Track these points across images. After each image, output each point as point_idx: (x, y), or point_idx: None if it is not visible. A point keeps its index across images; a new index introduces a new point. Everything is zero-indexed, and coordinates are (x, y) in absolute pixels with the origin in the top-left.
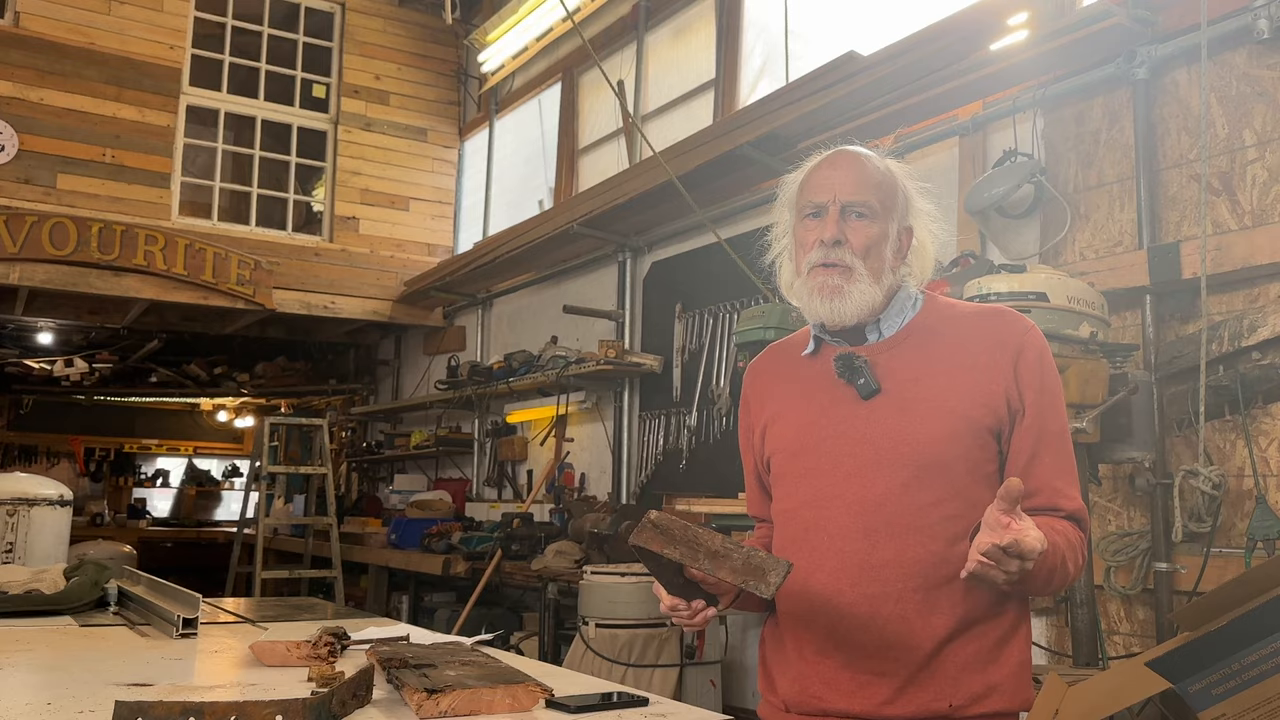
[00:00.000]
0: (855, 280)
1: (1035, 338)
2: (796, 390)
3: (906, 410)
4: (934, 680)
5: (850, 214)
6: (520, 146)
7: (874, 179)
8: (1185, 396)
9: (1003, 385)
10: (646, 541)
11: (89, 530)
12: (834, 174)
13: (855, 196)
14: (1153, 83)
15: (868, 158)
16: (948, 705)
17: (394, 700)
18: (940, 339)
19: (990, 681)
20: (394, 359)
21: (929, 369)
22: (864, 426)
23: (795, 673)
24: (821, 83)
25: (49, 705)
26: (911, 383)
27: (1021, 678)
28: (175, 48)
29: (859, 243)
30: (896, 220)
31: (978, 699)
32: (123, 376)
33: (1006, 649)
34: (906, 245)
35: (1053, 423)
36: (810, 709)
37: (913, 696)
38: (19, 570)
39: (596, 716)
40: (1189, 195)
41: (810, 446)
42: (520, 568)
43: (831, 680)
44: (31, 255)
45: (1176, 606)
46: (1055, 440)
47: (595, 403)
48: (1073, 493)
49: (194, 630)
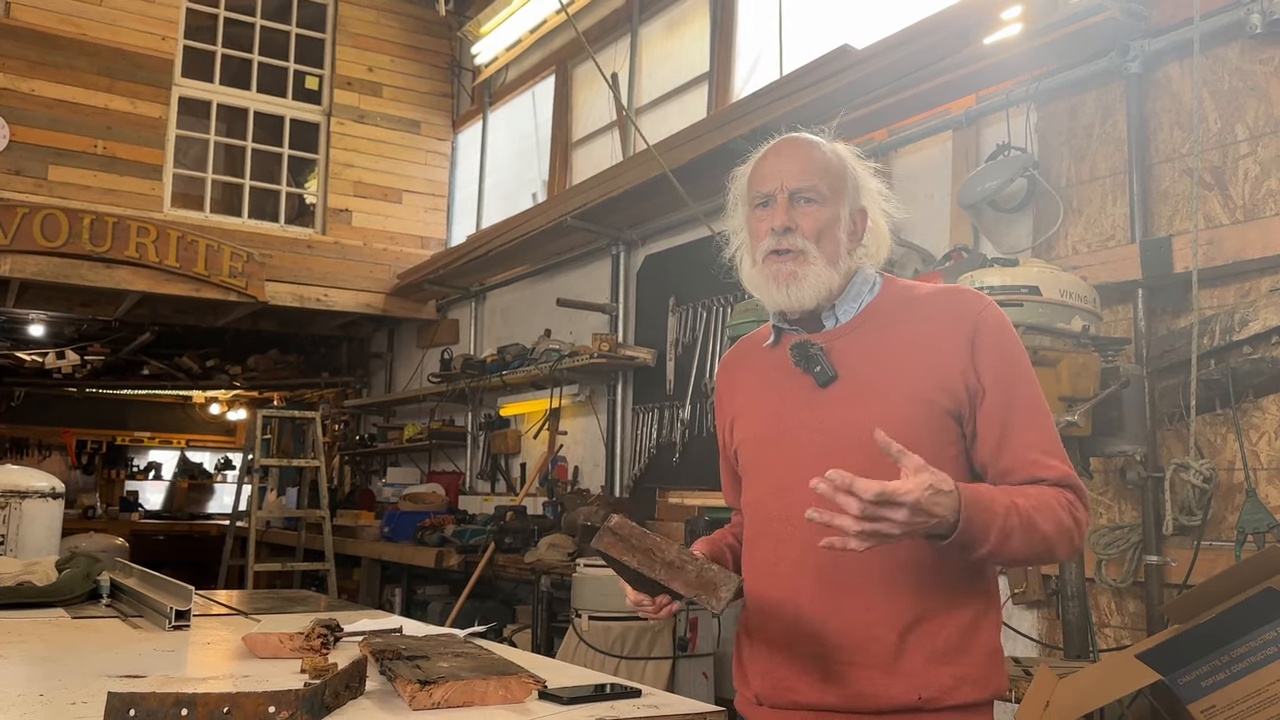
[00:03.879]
0: (809, 264)
1: (992, 314)
2: (761, 381)
3: (862, 396)
4: (901, 671)
5: (799, 200)
6: (514, 139)
7: (820, 164)
8: (1176, 390)
9: (959, 366)
10: (607, 548)
11: (81, 523)
12: (779, 162)
13: (802, 182)
14: (1145, 77)
15: (813, 143)
16: (917, 697)
17: (387, 692)
18: (897, 322)
19: (960, 672)
20: (387, 352)
21: (885, 353)
22: (822, 414)
23: (765, 665)
24: (815, 76)
25: (41, 697)
26: (868, 368)
27: (992, 666)
28: (167, 39)
29: (810, 227)
30: (848, 203)
31: (948, 690)
32: (114, 369)
33: (975, 638)
34: (861, 227)
35: (1020, 396)
36: (781, 701)
37: (882, 688)
38: (11, 562)
39: (589, 708)
40: (1181, 189)
41: (772, 436)
42: (513, 560)
43: (801, 671)
44: (23, 247)
45: (1167, 599)
46: (1025, 413)
47: (589, 396)
48: (1053, 461)
49: (186, 622)
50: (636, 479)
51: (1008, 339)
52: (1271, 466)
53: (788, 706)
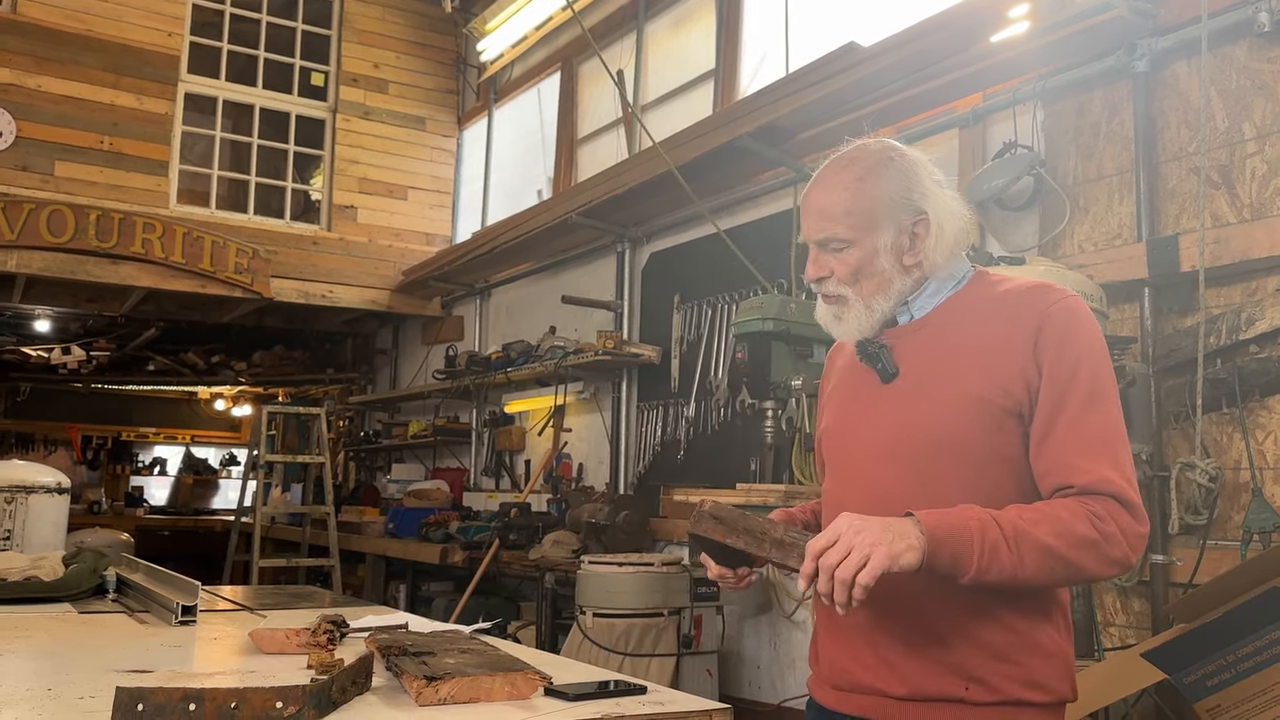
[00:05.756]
0: (848, 307)
1: (1060, 309)
2: (846, 375)
3: (920, 395)
4: (951, 663)
5: (828, 248)
6: (519, 136)
7: (842, 207)
8: (1183, 389)
9: (1019, 364)
10: (707, 531)
11: (86, 518)
12: (806, 210)
13: (822, 234)
14: (1153, 75)
15: (834, 182)
16: (964, 689)
17: (393, 687)
18: (969, 319)
19: (1011, 671)
20: (392, 348)
21: (950, 351)
22: (883, 411)
23: (832, 649)
24: (821, 74)
25: (49, 691)
26: (929, 365)
27: (1052, 669)
28: (173, 35)
29: (843, 273)
30: (889, 229)
31: (996, 687)
32: (120, 364)
33: (1027, 635)
34: (924, 235)
35: (1074, 396)
36: (843, 684)
37: (931, 678)
38: (17, 557)
39: (595, 704)
40: (1188, 188)
41: (843, 430)
42: (518, 557)
43: (858, 657)
44: (29, 243)
45: (1172, 599)
46: (1075, 413)
47: (593, 393)
48: (1090, 465)
49: (193, 618)
50: (641, 476)
51: (1073, 335)
52: (1278, 466)
53: (848, 689)
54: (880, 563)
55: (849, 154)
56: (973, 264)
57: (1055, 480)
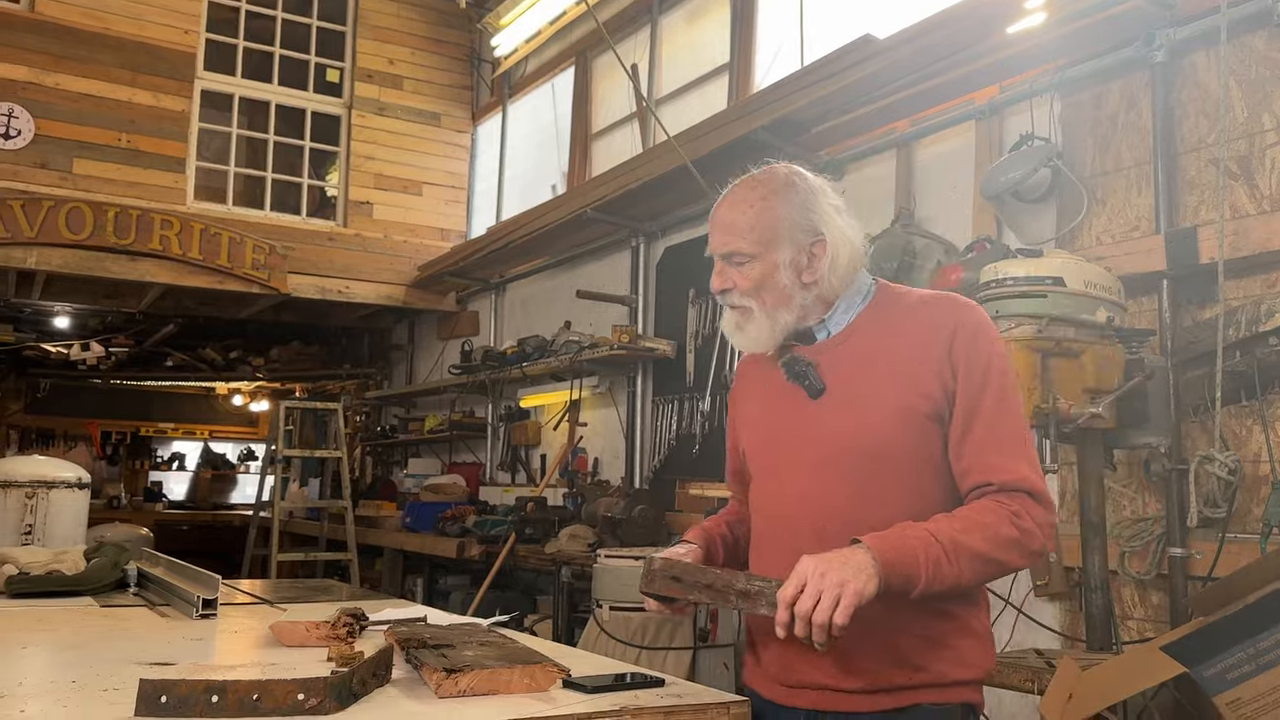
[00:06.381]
0: (751, 318)
1: (970, 317)
2: (766, 391)
3: (850, 407)
4: (896, 656)
5: (731, 261)
6: (533, 131)
7: (745, 223)
8: (1201, 382)
9: (936, 370)
10: (663, 591)
11: (106, 513)
12: (713, 227)
13: (726, 249)
14: (1171, 66)
15: (739, 200)
16: (908, 677)
17: (413, 680)
18: (884, 331)
19: (947, 654)
20: (407, 344)
21: (871, 362)
22: (814, 425)
23: (776, 649)
24: (837, 66)
25: (73, 683)
26: (854, 378)
27: (981, 648)
28: (190, 32)
29: (745, 285)
30: (787, 247)
31: (937, 670)
32: (138, 360)
33: (962, 620)
34: (821, 255)
35: (987, 397)
36: (793, 681)
37: (880, 671)
38: (40, 551)
39: (613, 696)
40: (1207, 179)
41: (773, 445)
42: (534, 551)
43: (806, 656)
44: (48, 240)
45: (1191, 592)
46: (989, 414)
47: (608, 388)
48: (1009, 464)
49: (213, 611)
50: (656, 470)
51: (984, 341)
52: None
53: (796, 685)
54: (851, 601)
55: (756, 175)
56: (874, 277)
57: (976, 478)
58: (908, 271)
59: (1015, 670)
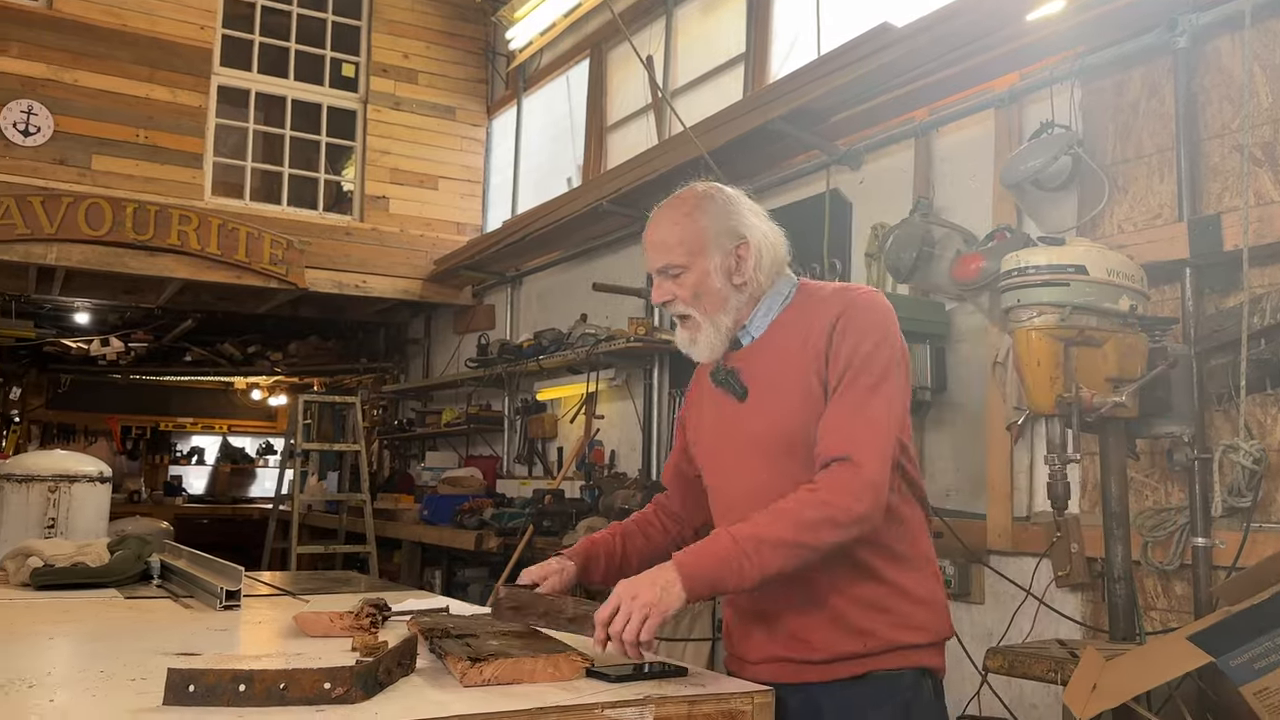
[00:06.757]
0: (699, 329)
1: (858, 299)
2: (709, 397)
3: (766, 404)
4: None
5: (667, 275)
6: (548, 124)
7: (674, 238)
8: (1225, 370)
9: (822, 352)
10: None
11: (126, 507)
12: (646, 247)
13: (661, 263)
14: (1193, 51)
15: (665, 219)
16: (862, 645)
17: (437, 669)
18: (795, 328)
19: (891, 618)
20: (424, 337)
21: (782, 360)
22: (743, 426)
23: (739, 628)
24: (854, 55)
25: (102, 673)
26: (772, 378)
27: (927, 612)
28: (206, 28)
29: (684, 295)
30: (715, 252)
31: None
32: (158, 356)
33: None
34: (746, 256)
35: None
36: (759, 657)
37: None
38: (64, 544)
39: (637, 685)
40: (1230, 166)
41: (714, 448)
42: (552, 543)
43: (771, 634)
44: (68, 236)
45: (1215, 582)
46: (842, 394)
47: (625, 380)
48: (840, 439)
49: (237, 603)
50: None
51: (854, 321)
52: None
53: (758, 660)
54: (655, 620)
55: (677, 195)
56: (798, 277)
57: (820, 452)
58: (927, 261)
59: (1038, 661)
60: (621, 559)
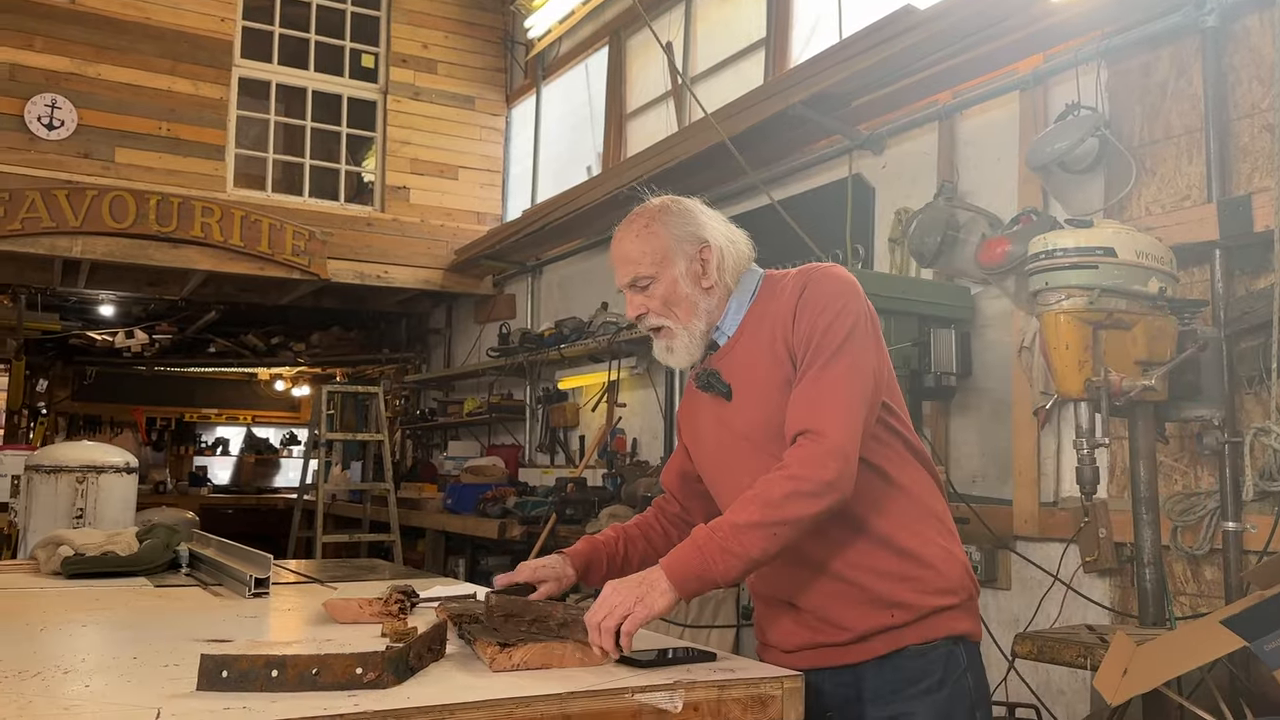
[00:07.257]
0: (675, 337)
1: (819, 276)
2: (695, 400)
3: (749, 400)
4: (870, 600)
5: (637, 288)
6: (567, 113)
7: (639, 250)
8: (1256, 353)
9: (788, 336)
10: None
11: (152, 498)
12: (614, 263)
13: (630, 276)
14: (1222, 30)
15: (628, 234)
16: (890, 616)
17: (466, 655)
18: (764, 319)
19: (917, 585)
20: (445, 327)
21: (756, 353)
22: (732, 424)
23: (774, 620)
24: (876, 38)
25: (135, 659)
26: (750, 372)
27: (951, 572)
28: (226, 20)
29: (655, 305)
30: (680, 259)
31: (913, 604)
32: (182, 347)
33: (919, 552)
34: (710, 259)
35: (809, 355)
36: (792, 646)
37: (862, 618)
38: (94, 533)
39: (666, 671)
40: (1261, 146)
41: (711, 449)
42: (575, 531)
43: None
44: (92, 228)
45: (1246, 567)
46: (808, 366)
47: (646, 369)
48: (795, 415)
49: (266, 590)
50: None
51: (818, 296)
52: None
53: (795, 649)
54: (641, 617)
55: (636, 210)
56: (763, 270)
57: (785, 435)
58: (951, 245)
59: (1067, 646)
60: (623, 561)
